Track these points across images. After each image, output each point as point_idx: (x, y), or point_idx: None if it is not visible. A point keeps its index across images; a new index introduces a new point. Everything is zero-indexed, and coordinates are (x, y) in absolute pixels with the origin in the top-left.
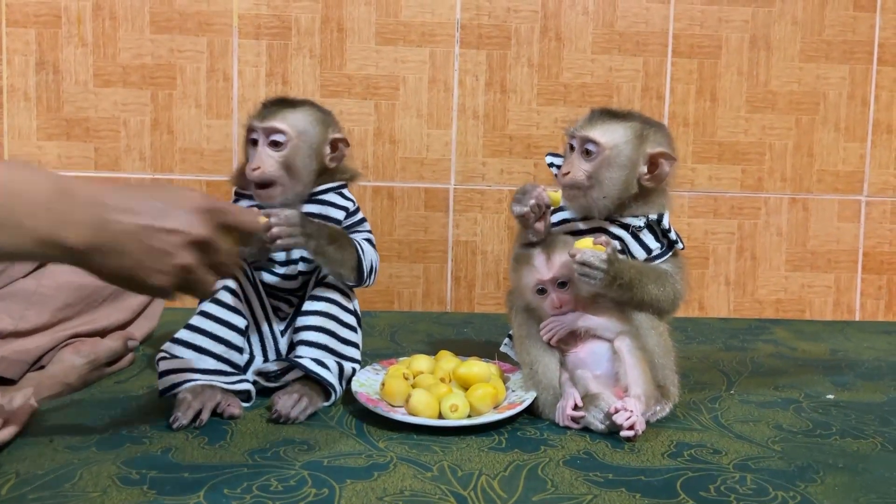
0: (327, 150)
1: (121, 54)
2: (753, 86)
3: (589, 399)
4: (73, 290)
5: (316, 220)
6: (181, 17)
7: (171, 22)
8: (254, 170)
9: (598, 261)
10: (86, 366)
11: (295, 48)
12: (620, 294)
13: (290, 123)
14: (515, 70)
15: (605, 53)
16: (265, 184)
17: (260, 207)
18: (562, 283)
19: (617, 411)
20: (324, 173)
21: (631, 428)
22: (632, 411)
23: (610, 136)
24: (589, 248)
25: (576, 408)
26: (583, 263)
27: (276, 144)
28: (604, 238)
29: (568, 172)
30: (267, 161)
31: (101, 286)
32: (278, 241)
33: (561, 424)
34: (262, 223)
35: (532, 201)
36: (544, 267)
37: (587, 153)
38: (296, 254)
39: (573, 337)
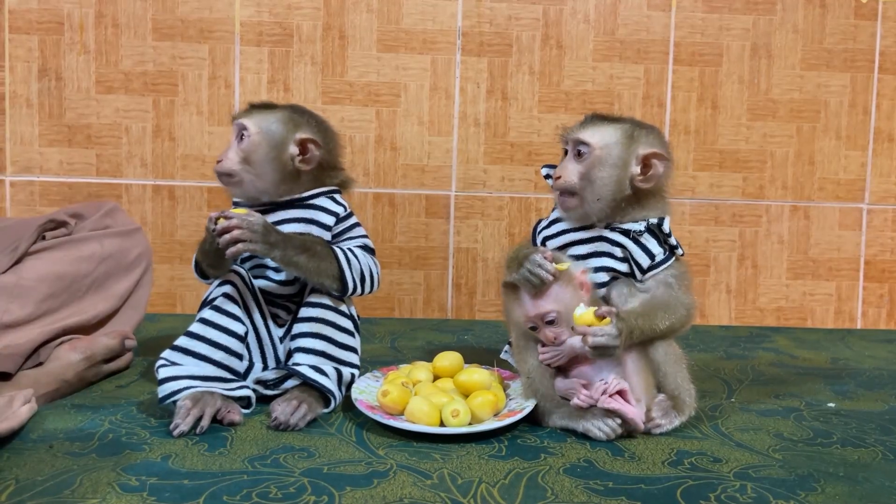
0: (293, 149)
1: (123, 61)
2: (754, 94)
3: (588, 408)
4: (54, 281)
5: (285, 232)
6: (183, 24)
7: (173, 29)
8: (219, 161)
9: (610, 339)
10: (83, 362)
11: (296, 55)
12: (640, 341)
13: (254, 121)
14: (517, 77)
15: (607, 61)
16: (224, 175)
17: (236, 205)
18: (549, 321)
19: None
20: (299, 175)
21: (621, 393)
22: (616, 382)
23: (600, 136)
24: (593, 323)
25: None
26: (595, 347)
27: (241, 138)
28: (604, 308)
29: (560, 177)
30: (229, 154)
31: (81, 275)
32: (238, 245)
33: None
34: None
35: (527, 274)
36: (529, 303)
37: (579, 154)
38: None
39: (575, 359)
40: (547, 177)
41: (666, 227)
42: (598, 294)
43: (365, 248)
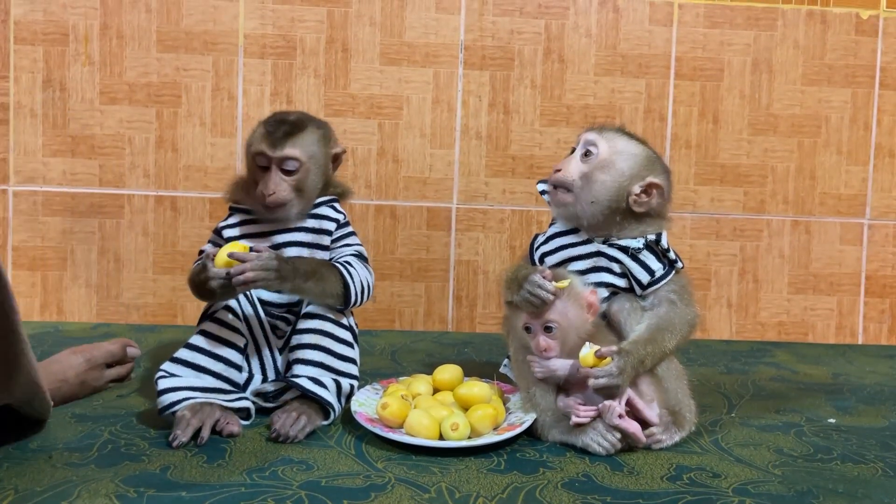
0: (330, 166)
1: (127, 72)
2: (755, 109)
3: (587, 423)
4: None
5: (292, 258)
6: (187, 36)
7: (177, 41)
8: (269, 195)
9: (610, 379)
10: (83, 364)
11: (300, 68)
12: (649, 367)
13: (301, 149)
14: (518, 91)
15: (608, 75)
16: (279, 206)
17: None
18: (548, 328)
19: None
20: (327, 185)
21: (630, 401)
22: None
23: (615, 144)
24: (595, 364)
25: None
26: (599, 389)
27: (288, 171)
28: (605, 349)
29: (560, 170)
30: (281, 186)
31: None
32: (250, 284)
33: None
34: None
35: (528, 296)
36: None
37: (586, 154)
38: None
39: (579, 382)
40: (543, 192)
41: (664, 242)
42: (600, 309)
43: (360, 255)
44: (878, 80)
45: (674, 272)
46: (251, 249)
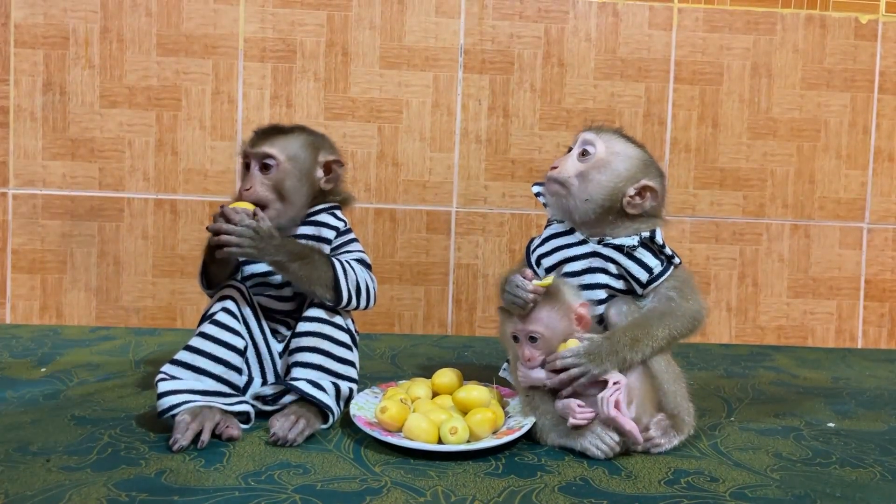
0: (320, 172)
1: (127, 76)
2: (755, 112)
3: (586, 426)
4: None
5: (283, 238)
6: (188, 39)
7: (177, 45)
8: (246, 190)
9: (575, 358)
10: None
11: (300, 71)
12: (637, 356)
13: (279, 148)
14: (518, 95)
15: (608, 79)
16: (256, 204)
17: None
18: (532, 338)
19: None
20: (320, 195)
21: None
22: (615, 386)
23: (613, 146)
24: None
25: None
26: (563, 370)
27: (266, 168)
28: (577, 335)
29: (556, 167)
30: (258, 183)
31: None
32: (226, 248)
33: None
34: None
35: (510, 297)
36: (519, 319)
37: (584, 153)
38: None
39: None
40: (538, 194)
41: (659, 238)
42: (596, 311)
43: (362, 262)
44: (877, 85)
45: (672, 268)
46: (255, 212)
